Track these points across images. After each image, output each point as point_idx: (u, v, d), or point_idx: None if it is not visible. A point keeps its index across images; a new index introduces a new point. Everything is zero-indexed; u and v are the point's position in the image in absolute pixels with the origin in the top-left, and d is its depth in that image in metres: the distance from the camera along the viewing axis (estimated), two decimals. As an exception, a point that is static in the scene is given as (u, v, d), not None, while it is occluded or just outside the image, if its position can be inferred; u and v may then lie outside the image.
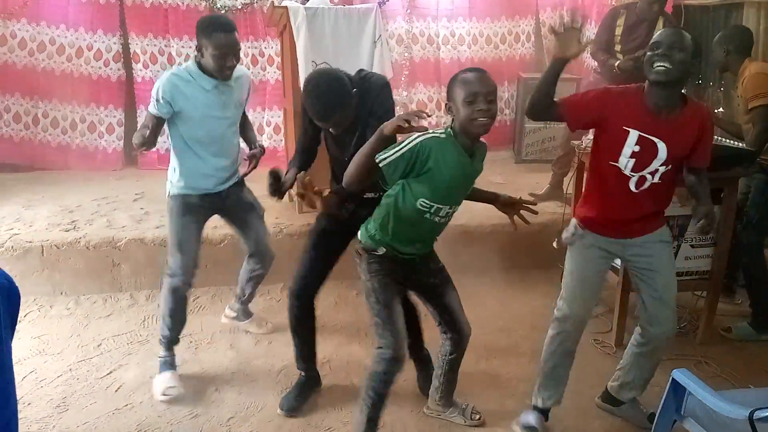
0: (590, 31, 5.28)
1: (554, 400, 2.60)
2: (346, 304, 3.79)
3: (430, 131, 2.17)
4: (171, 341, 2.98)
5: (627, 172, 2.32)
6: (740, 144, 3.19)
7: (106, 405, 2.79)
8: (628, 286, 3.14)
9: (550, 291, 3.79)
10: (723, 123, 3.49)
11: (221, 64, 2.73)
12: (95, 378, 2.99)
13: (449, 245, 4.01)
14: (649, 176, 2.32)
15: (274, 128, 5.78)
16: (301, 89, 2.55)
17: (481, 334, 3.36)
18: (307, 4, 4.21)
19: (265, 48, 5.66)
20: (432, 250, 2.50)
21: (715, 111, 4.58)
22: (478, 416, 2.72)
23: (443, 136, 2.17)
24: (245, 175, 3.08)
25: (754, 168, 3.28)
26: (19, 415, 2.65)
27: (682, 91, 2.36)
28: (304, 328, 2.80)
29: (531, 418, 2.60)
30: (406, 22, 5.80)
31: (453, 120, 2.19)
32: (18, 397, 2.77)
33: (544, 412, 2.63)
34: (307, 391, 2.86)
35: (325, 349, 3.23)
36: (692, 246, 3.25)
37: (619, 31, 4.46)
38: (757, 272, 3.35)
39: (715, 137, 3.27)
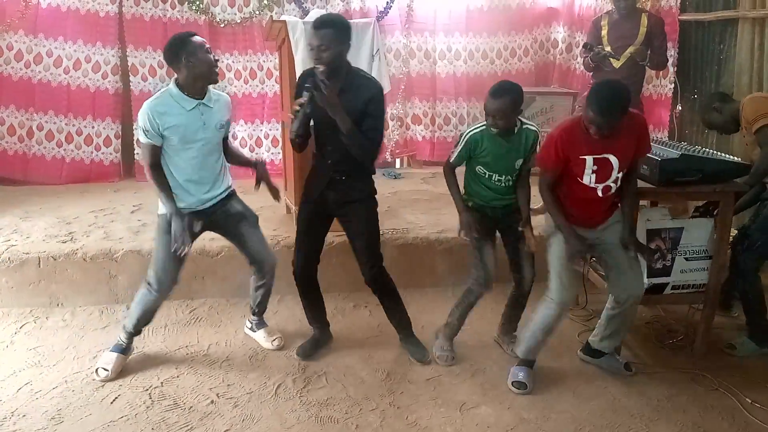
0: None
1: (538, 354, 3.12)
2: (343, 315, 3.78)
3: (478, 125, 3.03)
4: (132, 334, 3.17)
5: (592, 185, 2.82)
6: (736, 158, 3.20)
7: (101, 417, 2.77)
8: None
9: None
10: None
11: (211, 60, 2.91)
12: (91, 390, 2.97)
13: (450, 257, 4.05)
14: (612, 184, 2.83)
15: (272, 141, 5.81)
16: None
17: (480, 348, 3.38)
18: (306, 18, 4.24)
19: (264, 61, 5.70)
20: (515, 212, 3.08)
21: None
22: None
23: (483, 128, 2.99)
24: (257, 187, 3.21)
25: (766, 193, 3.33)
26: (14, 427, 2.66)
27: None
28: (309, 298, 3.29)
29: (521, 374, 3.04)
30: (403, 36, 5.85)
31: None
32: (13, 409, 2.80)
33: (531, 363, 3.09)
34: (319, 343, 3.36)
35: (321, 361, 3.25)
36: (687, 259, 3.25)
37: (605, 32, 4.63)
38: (753, 296, 3.33)
39: (711, 151, 3.31)
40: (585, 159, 2.77)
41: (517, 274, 3.19)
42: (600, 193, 2.83)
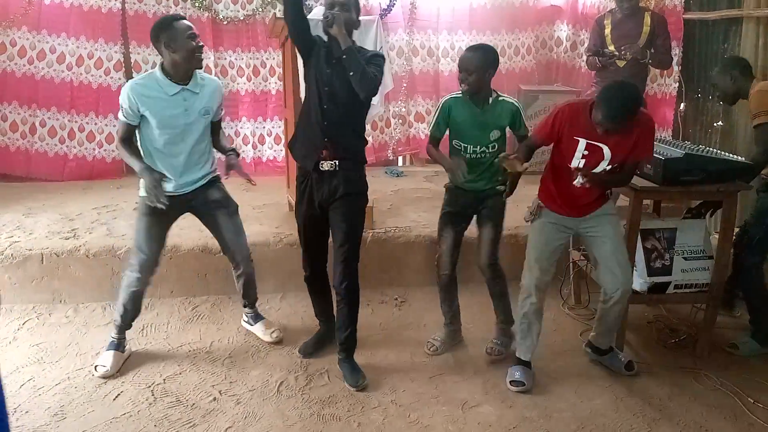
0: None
1: (532, 350, 3.06)
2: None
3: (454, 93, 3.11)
4: (121, 327, 3.16)
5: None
6: (740, 158, 3.19)
7: (104, 413, 2.77)
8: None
9: (556, 302, 3.82)
10: None
11: (192, 47, 2.90)
12: (93, 386, 2.97)
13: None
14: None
15: (274, 138, 5.81)
16: None
17: (482, 346, 3.37)
18: (309, 16, 4.20)
19: (267, 59, 5.69)
20: (490, 198, 3.12)
21: (715, 124, 4.63)
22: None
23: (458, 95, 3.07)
24: (227, 176, 3.16)
25: (762, 187, 3.31)
26: (16, 423, 2.67)
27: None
28: (317, 294, 3.28)
29: (517, 373, 3.01)
30: (406, 34, 5.84)
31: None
32: (15, 406, 2.79)
33: (526, 363, 3.05)
34: (323, 340, 3.32)
35: (323, 359, 3.24)
36: (685, 258, 3.26)
37: (608, 30, 4.60)
38: (757, 294, 3.34)
39: (715, 150, 3.30)
40: (578, 141, 2.76)
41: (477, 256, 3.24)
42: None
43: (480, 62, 2.92)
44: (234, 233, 3.24)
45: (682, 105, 5.19)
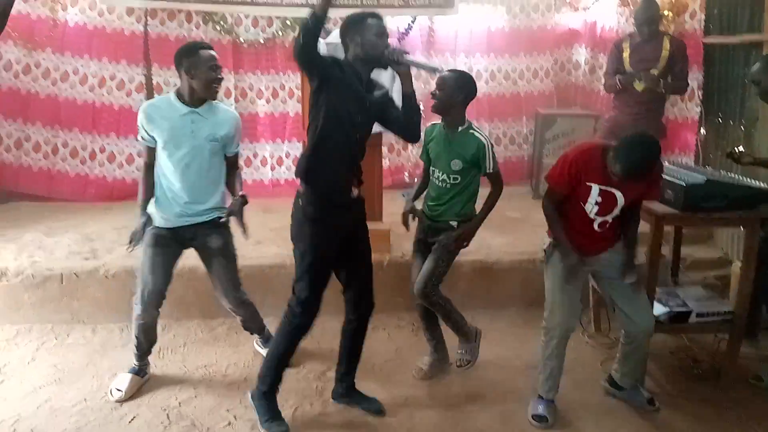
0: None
1: (555, 390, 2.99)
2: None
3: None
4: (139, 356, 3.18)
5: (592, 215, 2.81)
6: (762, 184, 3.14)
7: (119, 437, 2.78)
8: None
9: (577, 330, 3.74)
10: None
11: (211, 77, 2.91)
12: (110, 409, 2.98)
13: (466, 281, 4.01)
14: (610, 220, 2.83)
15: (293, 160, 5.82)
16: None
17: (499, 374, 3.33)
18: (328, 39, 4.26)
19: (286, 81, 5.73)
20: (443, 233, 3.11)
21: (735, 149, 4.56)
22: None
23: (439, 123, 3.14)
24: (225, 218, 3.07)
25: None
26: (33, 446, 2.65)
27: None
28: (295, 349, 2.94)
29: (540, 407, 2.95)
30: (424, 57, 5.84)
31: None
32: (32, 426, 2.79)
33: (549, 400, 2.99)
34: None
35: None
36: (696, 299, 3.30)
37: (626, 54, 4.58)
38: None
39: (736, 176, 3.25)
40: (591, 186, 2.76)
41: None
42: (597, 227, 2.84)
43: (451, 82, 2.97)
44: (228, 283, 3.17)
45: (702, 130, 5.14)
